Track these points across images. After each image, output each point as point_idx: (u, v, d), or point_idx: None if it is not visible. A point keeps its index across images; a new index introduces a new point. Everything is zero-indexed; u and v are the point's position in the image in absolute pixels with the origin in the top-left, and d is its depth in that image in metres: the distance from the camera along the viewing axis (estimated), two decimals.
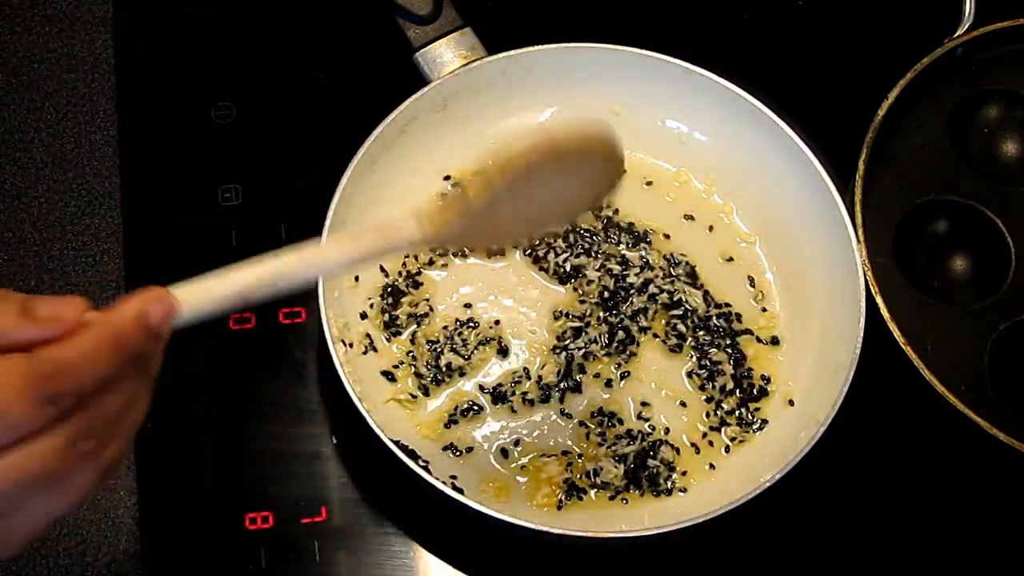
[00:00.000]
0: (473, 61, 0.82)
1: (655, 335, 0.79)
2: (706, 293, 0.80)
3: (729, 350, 0.79)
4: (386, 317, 0.78)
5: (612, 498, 0.74)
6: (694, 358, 0.79)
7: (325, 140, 0.82)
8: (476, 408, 0.76)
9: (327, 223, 0.73)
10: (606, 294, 0.80)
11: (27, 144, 0.84)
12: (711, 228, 0.83)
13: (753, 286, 0.81)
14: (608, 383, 0.78)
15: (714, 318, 0.79)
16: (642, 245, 0.81)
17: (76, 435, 0.43)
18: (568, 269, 0.80)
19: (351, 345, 0.76)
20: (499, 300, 0.80)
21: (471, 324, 0.78)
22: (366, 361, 0.77)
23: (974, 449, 0.73)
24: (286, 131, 0.85)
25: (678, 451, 0.76)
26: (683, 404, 0.78)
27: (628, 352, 0.78)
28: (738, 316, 0.80)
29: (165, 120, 0.85)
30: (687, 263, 0.81)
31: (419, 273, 0.80)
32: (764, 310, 0.81)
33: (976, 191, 0.81)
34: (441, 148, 0.81)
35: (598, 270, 0.80)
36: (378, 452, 0.68)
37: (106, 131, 0.85)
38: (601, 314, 0.79)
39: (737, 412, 0.77)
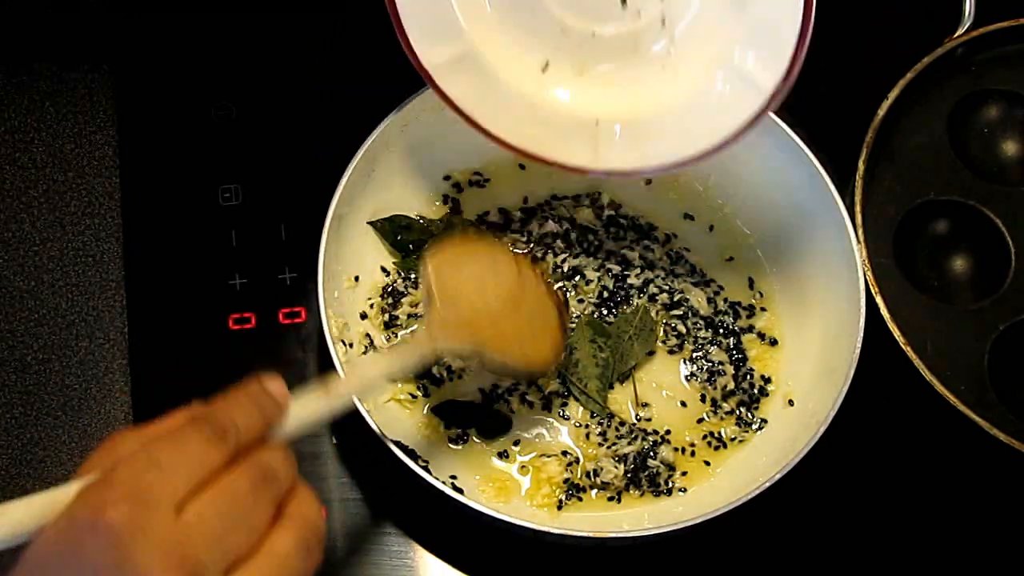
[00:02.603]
0: None
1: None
2: (714, 292, 0.80)
3: (730, 350, 0.79)
4: (386, 317, 0.78)
5: (612, 498, 0.74)
6: (694, 358, 0.79)
7: (325, 140, 0.82)
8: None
9: (327, 223, 0.73)
10: (606, 294, 0.80)
11: (27, 144, 0.84)
12: (711, 228, 0.83)
13: (753, 286, 0.81)
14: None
15: (719, 317, 0.80)
16: (644, 242, 0.81)
17: (254, 474, 0.49)
18: (567, 269, 0.80)
19: (351, 345, 0.76)
20: None
21: None
22: None
23: (974, 449, 0.73)
24: (286, 131, 0.85)
25: (679, 451, 0.76)
26: (683, 404, 0.78)
27: None
28: (748, 313, 0.80)
29: (165, 120, 0.85)
30: (687, 261, 0.81)
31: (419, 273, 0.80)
32: (764, 310, 0.81)
33: (976, 191, 0.81)
34: (441, 148, 0.81)
35: (597, 270, 0.80)
36: (378, 452, 0.68)
37: (106, 131, 0.85)
38: (602, 312, 0.79)
39: (737, 412, 0.77)
